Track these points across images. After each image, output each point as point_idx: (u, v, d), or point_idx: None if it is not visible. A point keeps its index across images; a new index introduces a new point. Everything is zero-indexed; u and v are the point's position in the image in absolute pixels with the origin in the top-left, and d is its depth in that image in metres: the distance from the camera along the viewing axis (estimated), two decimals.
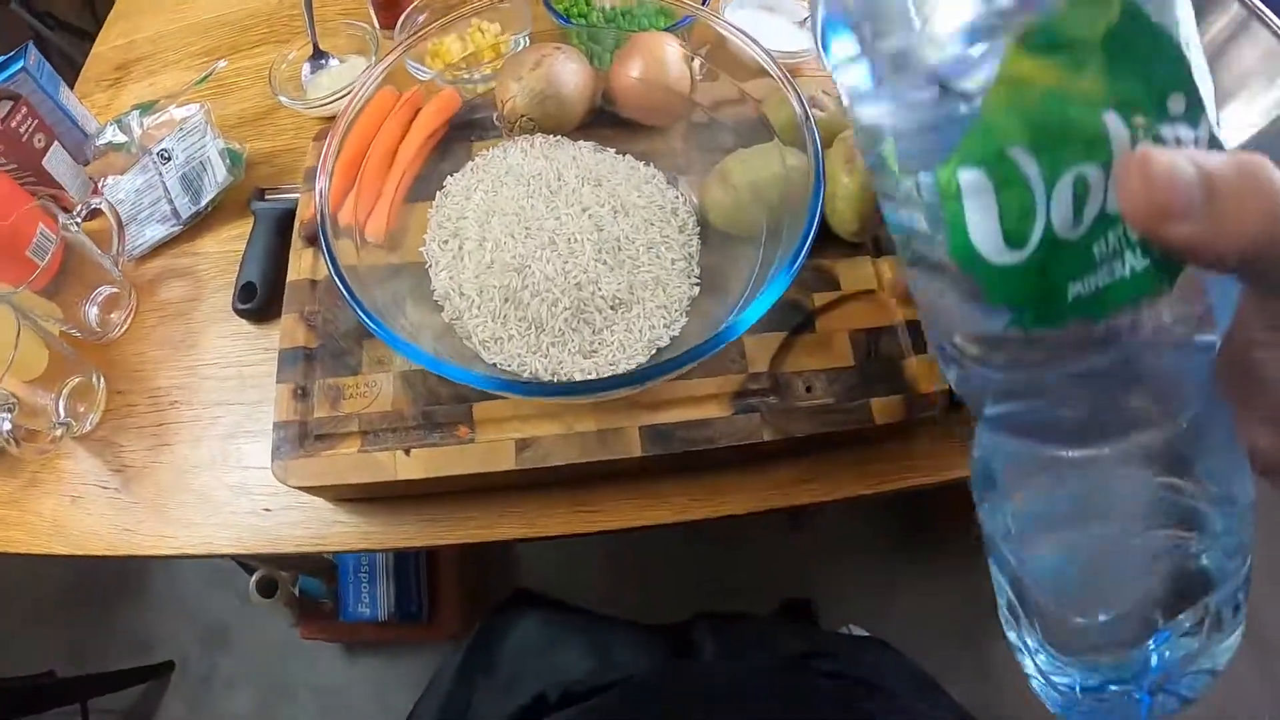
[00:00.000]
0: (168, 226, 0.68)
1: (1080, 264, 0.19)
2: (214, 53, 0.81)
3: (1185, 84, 0.19)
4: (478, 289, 0.50)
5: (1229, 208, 0.17)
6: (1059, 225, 0.18)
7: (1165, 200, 0.17)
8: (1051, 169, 0.18)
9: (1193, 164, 0.18)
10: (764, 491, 0.56)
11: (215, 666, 1.28)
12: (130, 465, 0.61)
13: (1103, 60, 0.18)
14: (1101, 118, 0.18)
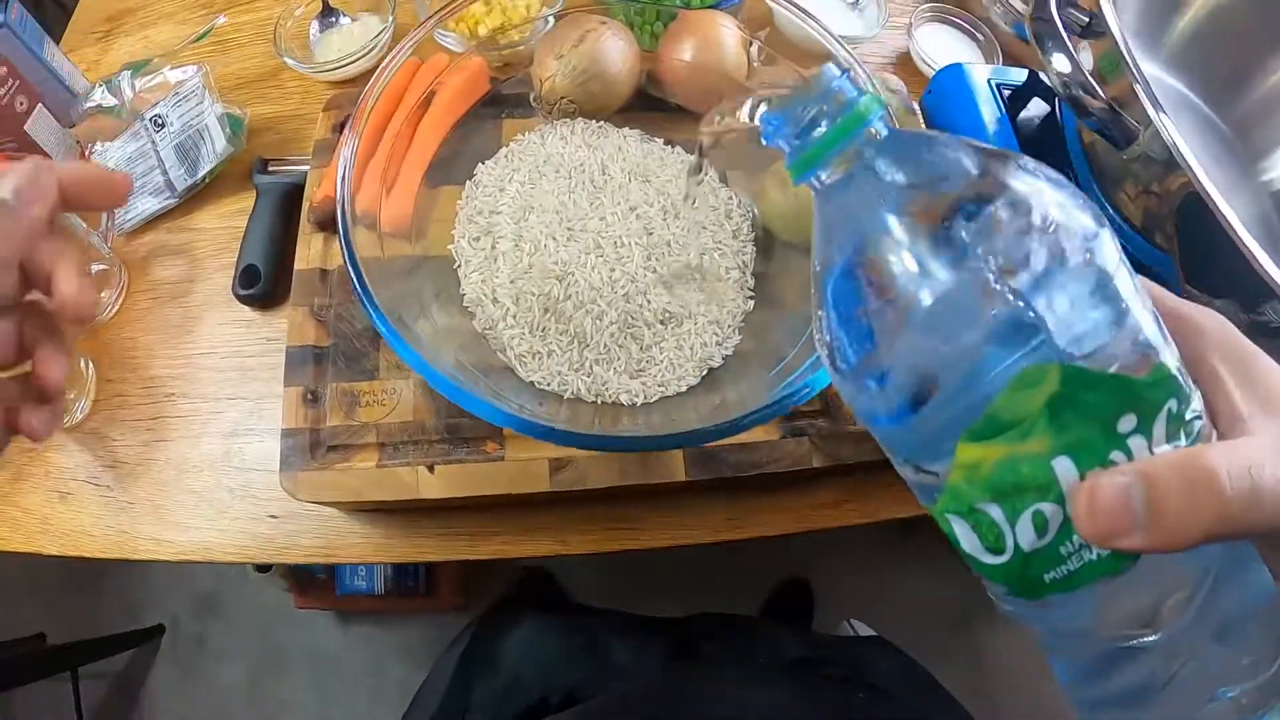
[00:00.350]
0: (161, 199, 0.62)
1: (1050, 560, 0.22)
2: (213, 4, 0.73)
3: (1135, 402, 0.21)
4: (513, 296, 0.45)
5: (1174, 520, 0.20)
6: (1025, 544, 0.22)
7: (1111, 525, 0.20)
8: (1011, 512, 0.22)
9: (1137, 486, 0.20)
10: (804, 512, 0.54)
11: (207, 633, 1.26)
12: (124, 461, 0.56)
13: (1046, 422, 0.21)
14: (1049, 465, 0.21)
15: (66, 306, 0.28)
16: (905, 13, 0.70)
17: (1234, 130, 0.59)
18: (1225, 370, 0.24)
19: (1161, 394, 0.21)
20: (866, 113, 0.24)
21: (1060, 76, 0.45)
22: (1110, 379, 0.21)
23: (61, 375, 0.29)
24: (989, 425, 0.21)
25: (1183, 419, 0.21)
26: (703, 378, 0.46)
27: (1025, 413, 0.21)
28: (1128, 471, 0.20)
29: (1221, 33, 0.57)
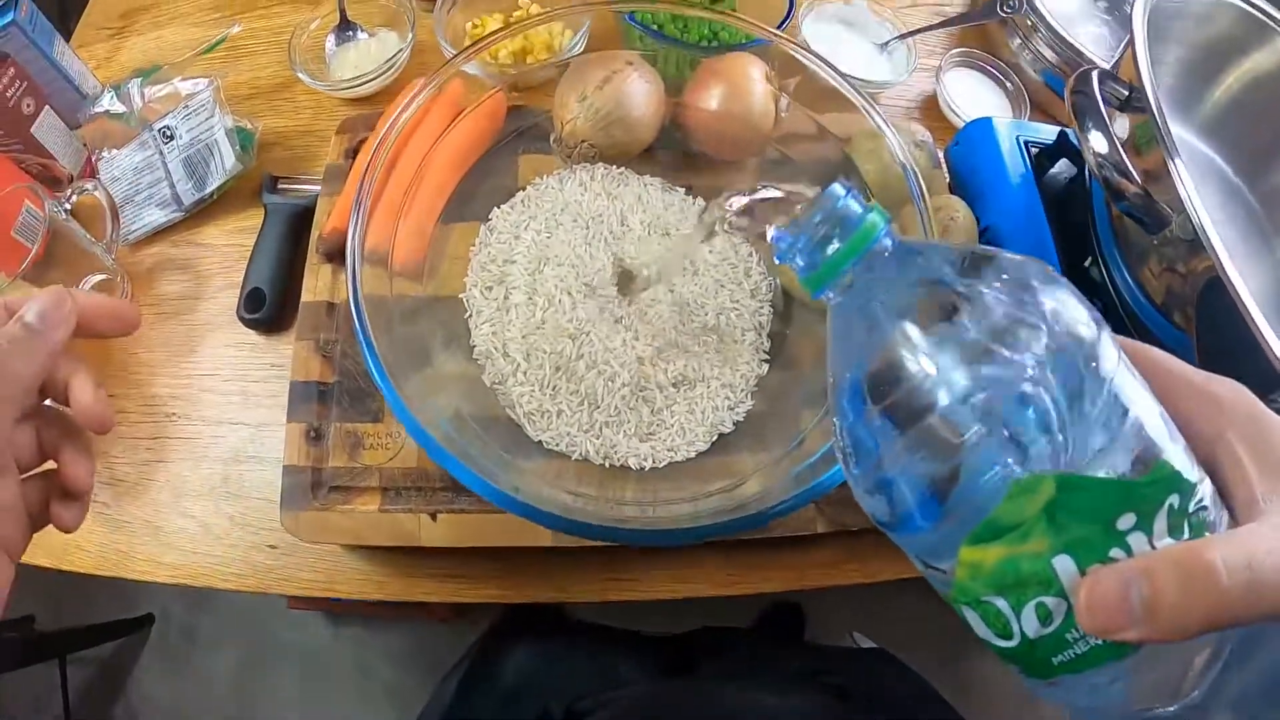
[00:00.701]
0: (168, 212, 0.61)
1: (1058, 645, 0.22)
2: (228, 7, 0.72)
3: (1134, 502, 0.21)
4: (524, 352, 0.45)
5: (1170, 615, 0.20)
6: (1031, 631, 0.22)
7: (1110, 620, 0.21)
8: (1016, 603, 0.22)
9: (1135, 582, 0.20)
10: (804, 570, 0.53)
11: (197, 624, 1.26)
12: (122, 480, 0.56)
13: (1045, 525, 0.21)
14: (1050, 563, 0.22)
15: (86, 417, 0.30)
16: (934, 55, 0.69)
17: (1261, 202, 0.58)
18: (1242, 447, 0.24)
19: (1161, 492, 0.22)
20: (874, 229, 0.25)
21: (1096, 157, 0.44)
22: (1107, 484, 0.21)
23: (88, 476, 0.31)
24: (989, 530, 0.22)
25: (1185, 511, 0.22)
26: (712, 444, 0.45)
27: (1023, 518, 0.22)
28: (1125, 569, 0.21)
29: (1257, 106, 0.56)
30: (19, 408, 0.29)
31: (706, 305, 0.46)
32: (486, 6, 0.67)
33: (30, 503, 0.30)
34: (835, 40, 0.66)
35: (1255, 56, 0.55)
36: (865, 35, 0.67)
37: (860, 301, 0.25)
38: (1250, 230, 0.58)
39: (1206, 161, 0.59)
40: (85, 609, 1.23)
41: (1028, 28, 0.67)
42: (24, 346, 0.28)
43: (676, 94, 0.53)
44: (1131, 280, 0.52)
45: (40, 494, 0.31)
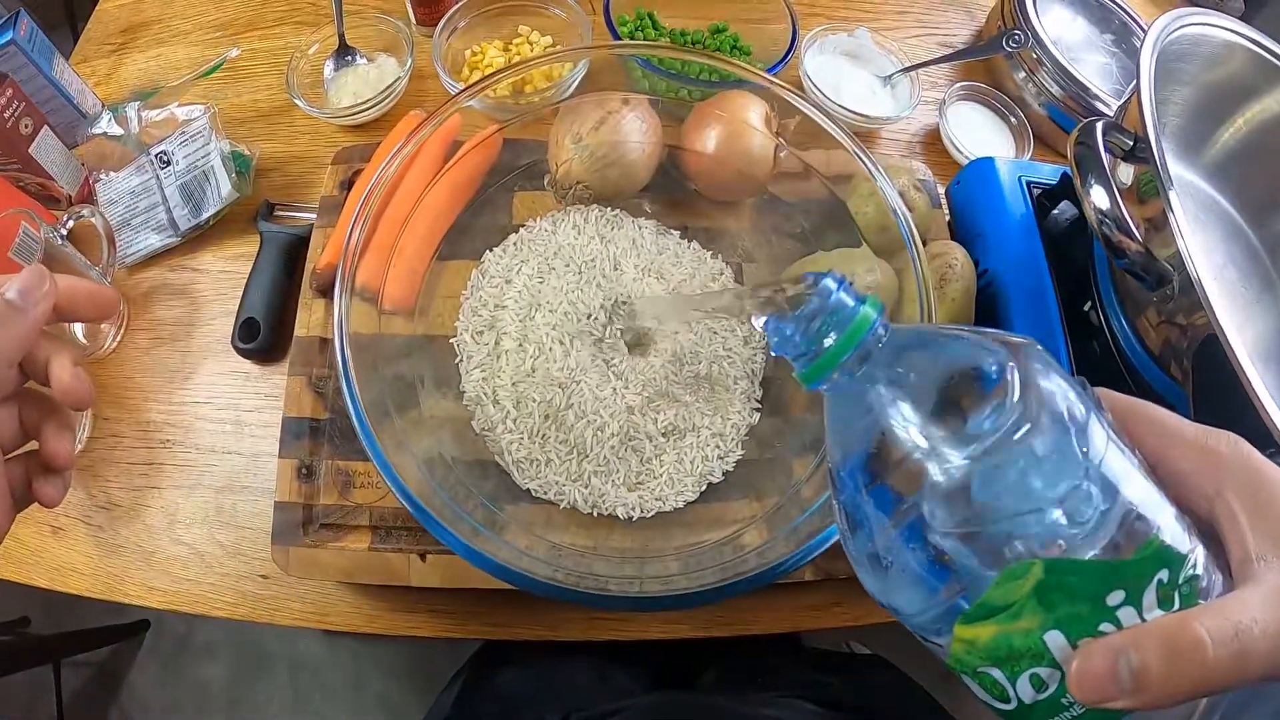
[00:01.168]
0: (164, 237, 0.61)
1: (1053, 708, 0.23)
2: (228, 27, 0.71)
3: (1122, 580, 0.22)
4: (514, 399, 0.44)
5: (1158, 687, 0.21)
6: (1027, 698, 0.23)
7: (1100, 693, 0.21)
8: (1010, 674, 0.23)
9: (1124, 654, 0.21)
10: (794, 613, 0.53)
11: (191, 631, 1.26)
12: (117, 504, 0.56)
13: (1035, 604, 0.22)
14: (1041, 639, 0.22)
15: (65, 394, 0.31)
16: (939, 88, 0.68)
17: (1265, 245, 0.58)
18: (1239, 505, 0.24)
19: (1150, 568, 0.22)
20: (868, 321, 0.25)
21: (1097, 213, 0.44)
22: (1095, 566, 0.22)
23: (68, 450, 0.32)
24: (981, 610, 0.23)
25: (1175, 583, 0.22)
26: (700, 494, 0.45)
27: (1014, 599, 0.22)
28: (1114, 643, 0.22)
29: (1266, 150, 0.55)
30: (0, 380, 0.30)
31: (700, 353, 0.46)
32: (486, 33, 0.66)
33: (13, 482, 0.31)
34: (838, 73, 0.65)
35: (1265, 100, 0.55)
36: (868, 68, 0.67)
37: (855, 388, 0.26)
38: (1253, 273, 0.58)
39: (1211, 203, 0.58)
40: (80, 614, 1.23)
41: (1033, 62, 0.67)
42: (5, 321, 0.29)
43: (676, 124, 0.53)
44: (1129, 328, 0.51)
45: (23, 474, 0.32)
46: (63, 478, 0.32)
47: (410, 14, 0.68)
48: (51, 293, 0.31)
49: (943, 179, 0.63)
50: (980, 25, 0.75)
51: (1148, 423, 0.26)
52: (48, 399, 0.32)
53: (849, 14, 0.74)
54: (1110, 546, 0.22)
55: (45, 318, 0.30)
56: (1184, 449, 0.25)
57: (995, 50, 0.65)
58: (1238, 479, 0.24)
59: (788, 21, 0.64)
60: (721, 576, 0.35)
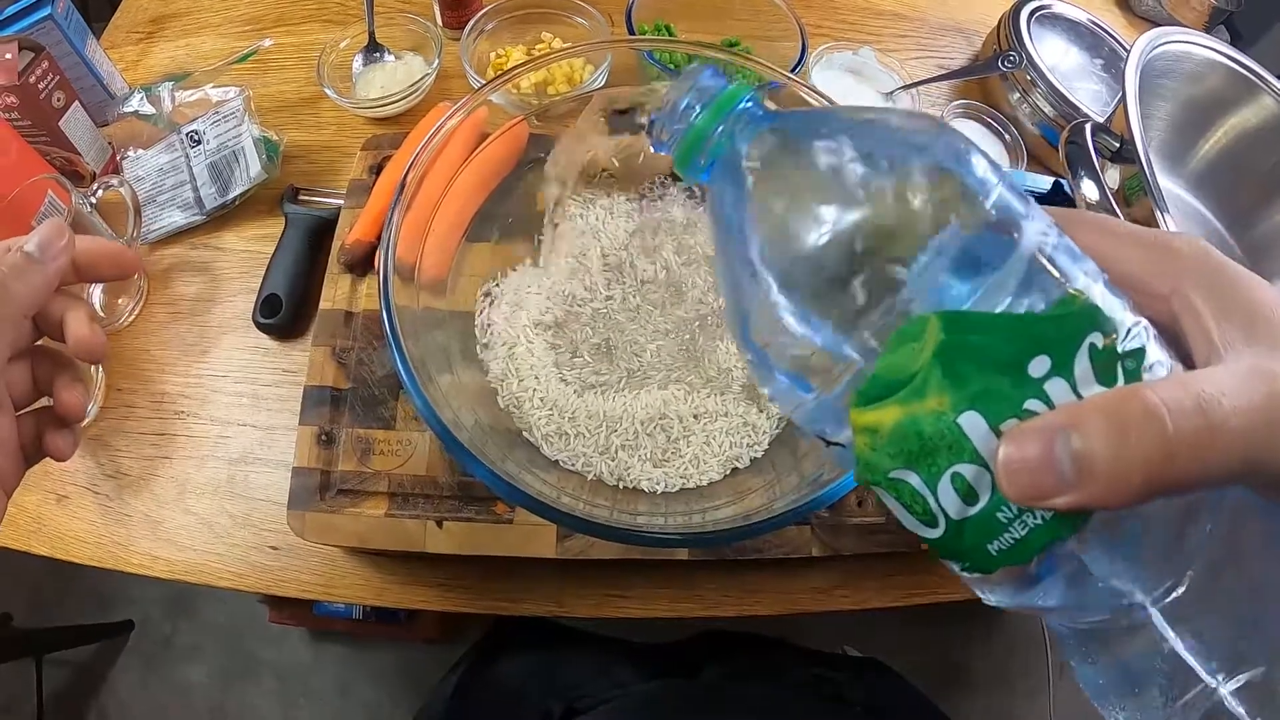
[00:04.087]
0: (189, 214, 0.63)
1: (990, 529, 0.19)
2: (259, 21, 0.74)
3: (1042, 342, 0.19)
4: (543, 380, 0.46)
5: (1106, 472, 0.17)
6: (954, 512, 0.20)
7: (1035, 485, 0.18)
8: (928, 476, 0.20)
9: (1060, 435, 0.17)
10: (796, 595, 0.54)
11: (175, 632, 1.24)
12: (125, 473, 0.56)
13: (940, 375, 0.19)
14: (955, 423, 0.19)
15: (80, 347, 0.31)
16: (937, 106, 0.72)
17: (1245, 253, 0.61)
18: (1200, 297, 0.21)
19: (1074, 328, 0.19)
20: (738, 93, 0.24)
21: (1088, 203, 0.47)
22: (1002, 320, 0.19)
23: (80, 401, 0.32)
24: (877, 386, 0.20)
25: (1114, 353, 0.19)
26: (725, 476, 0.46)
27: (913, 368, 0.19)
28: (1047, 421, 0.18)
29: (1244, 160, 0.59)
30: (15, 330, 0.30)
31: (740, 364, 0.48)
32: (511, 38, 0.69)
33: (24, 438, 0.31)
34: (843, 89, 0.69)
35: (1243, 113, 0.59)
36: (872, 85, 0.70)
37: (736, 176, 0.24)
38: None
39: (1195, 213, 0.61)
40: (64, 612, 1.22)
41: (1027, 83, 0.70)
42: (23, 273, 0.30)
43: None
44: None
45: (33, 429, 0.32)
46: (74, 432, 0.33)
47: (438, 16, 0.71)
48: (69, 247, 0.31)
49: None
50: (977, 50, 0.80)
51: (1093, 227, 0.23)
52: (60, 355, 0.33)
53: (854, 35, 0.78)
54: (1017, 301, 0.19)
55: (63, 272, 0.31)
56: (1136, 249, 0.22)
57: (991, 70, 0.69)
58: (1198, 274, 0.21)
59: (797, 39, 0.67)
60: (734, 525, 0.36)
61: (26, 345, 0.32)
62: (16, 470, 0.31)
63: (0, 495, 0.30)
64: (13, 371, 0.31)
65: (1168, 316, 0.21)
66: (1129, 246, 0.22)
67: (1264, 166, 0.59)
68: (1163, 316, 0.21)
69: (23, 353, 0.32)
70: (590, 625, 0.75)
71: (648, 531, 0.35)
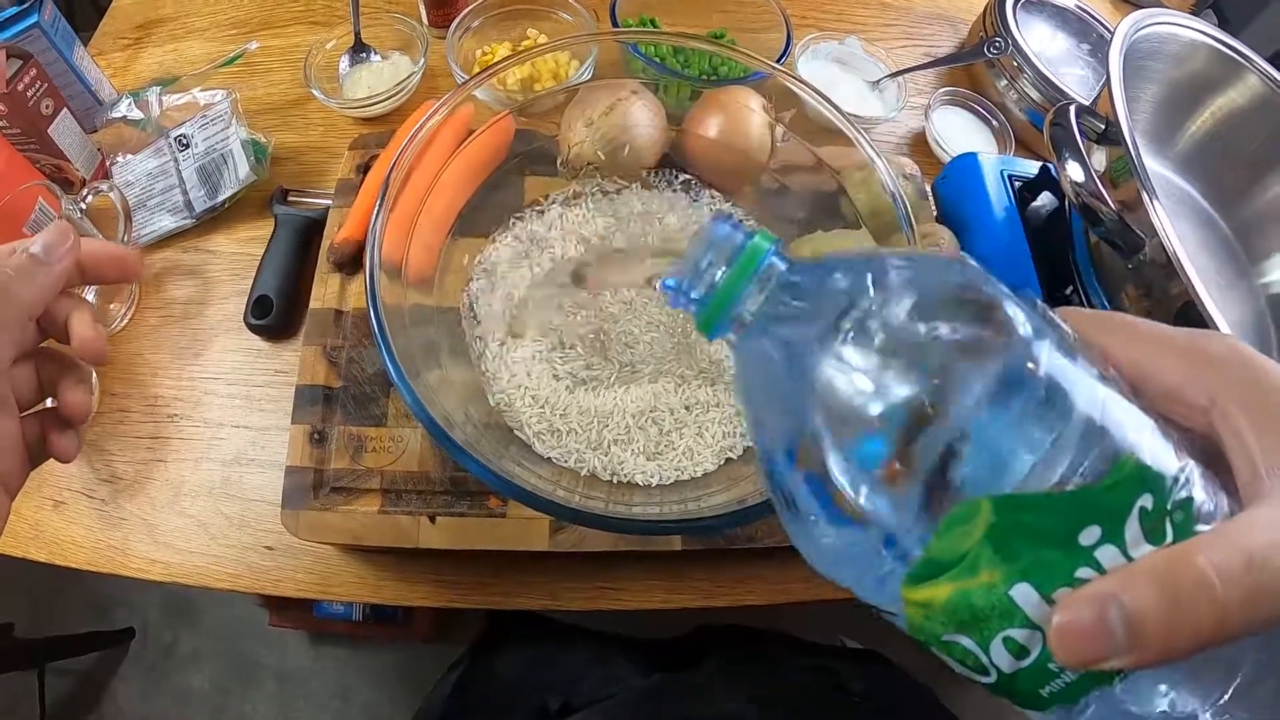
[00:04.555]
0: (179, 218, 0.63)
1: (1042, 677, 0.20)
2: (244, 25, 0.74)
3: (1093, 512, 0.19)
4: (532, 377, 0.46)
5: (1159, 638, 0.17)
6: (1005, 667, 0.20)
7: (1089, 653, 0.18)
8: (980, 640, 0.20)
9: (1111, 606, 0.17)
10: (787, 584, 0.54)
11: (177, 639, 1.24)
12: (121, 477, 0.56)
13: (991, 553, 0.19)
14: (1007, 595, 0.19)
15: (84, 348, 0.31)
16: (924, 94, 0.72)
17: (1236, 233, 0.61)
18: (1240, 413, 0.20)
19: (1127, 495, 0.19)
20: (759, 250, 0.23)
21: (1073, 184, 0.47)
22: (1053, 499, 0.19)
23: (85, 402, 0.32)
24: (929, 567, 0.20)
25: (1163, 511, 0.19)
26: (720, 466, 0.46)
27: (964, 549, 0.19)
28: (1097, 591, 0.18)
29: (1231, 140, 0.59)
30: (21, 331, 0.30)
31: None
32: (497, 35, 0.69)
33: (28, 438, 0.32)
34: (829, 78, 0.69)
35: (1229, 93, 0.59)
36: (858, 73, 0.70)
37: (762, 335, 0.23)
38: (1226, 260, 0.61)
39: (1183, 195, 0.61)
40: (65, 621, 1.22)
41: (1013, 69, 0.71)
42: (28, 275, 0.30)
43: (677, 123, 0.55)
44: (1109, 305, 0.54)
45: (37, 429, 0.32)
46: (78, 433, 0.33)
47: (423, 15, 0.71)
48: (74, 249, 0.32)
49: (929, 179, 0.66)
50: (963, 38, 0.80)
51: (1123, 331, 0.22)
52: (65, 356, 0.33)
53: (840, 24, 0.78)
54: (1072, 474, 0.19)
55: (67, 274, 0.31)
56: (1170, 357, 0.21)
57: (978, 57, 0.69)
58: (1236, 383, 0.20)
59: (783, 30, 0.68)
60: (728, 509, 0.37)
61: (31, 347, 0.32)
62: (21, 471, 0.31)
63: (4, 496, 0.30)
64: (17, 373, 0.31)
65: (1208, 427, 0.21)
66: (1165, 355, 0.22)
67: (1251, 146, 0.59)
68: (1203, 427, 0.21)
69: (27, 354, 0.32)
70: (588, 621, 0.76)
71: (640, 519, 0.36)
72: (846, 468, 0.20)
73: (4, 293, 0.29)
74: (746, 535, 0.49)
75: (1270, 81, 0.57)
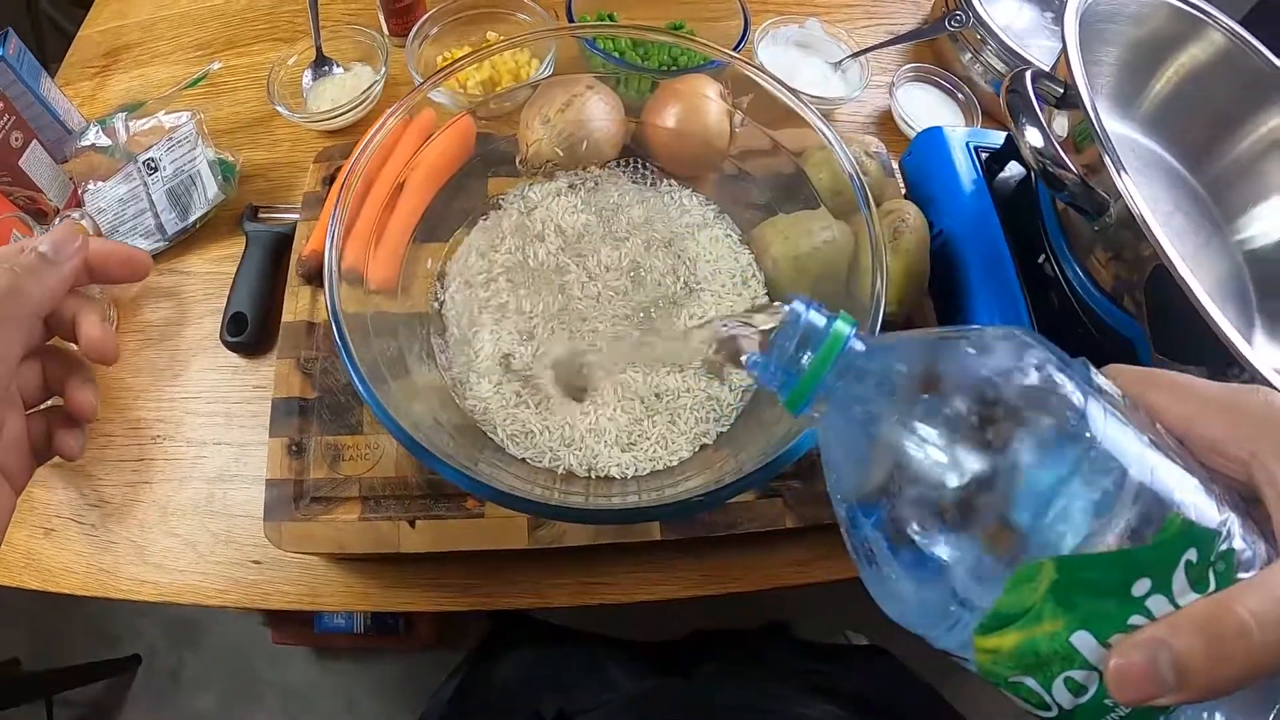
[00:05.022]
0: (152, 241, 0.63)
1: (1098, 712, 0.22)
2: (208, 46, 0.75)
3: (1144, 568, 0.21)
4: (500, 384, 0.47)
5: (1203, 679, 0.19)
6: (1066, 704, 0.22)
7: (1142, 692, 0.20)
8: (1043, 680, 0.22)
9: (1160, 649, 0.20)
10: (776, 569, 0.54)
11: (182, 662, 1.24)
12: (109, 501, 0.57)
13: (1054, 606, 0.21)
14: (1068, 641, 0.21)
15: (92, 347, 0.31)
16: (888, 72, 0.72)
17: (1207, 190, 0.61)
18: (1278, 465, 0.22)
19: (1174, 551, 0.21)
20: (842, 336, 0.25)
21: (1033, 150, 0.46)
22: (1110, 558, 0.21)
23: (91, 402, 0.32)
24: (997, 619, 0.22)
25: (1207, 561, 0.21)
26: (695, 453, 0.46)
27: (1029, 603, 0.21)
28: (1148, 639, 0.20)
29: (1195, 97, 0.59)
30: (29, 329, 0.30)
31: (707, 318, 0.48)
32: (456, 40, 0.70)
33: (34, 436, 0.32)
34: (790, 62, 0.69)
35: (1190, 50, 0.58)
36: (820, 55, 0.70)
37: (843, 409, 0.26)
38: (1201, 219, 0.60)
39: (1152, 156, 0.61)
40: (68, 652, 1.22)
41: (977, 42, 0.70)
42: (37, 273, 0.30)
43: (637, 115, 0.55)
44: (1081, 272, 0.54)
45: (43, 427, 0.32)
46: (84, 431, 0.33)
47: (383, 25, 0.71)
48: (83, 249, 0.31)
49: (896, 154, 0.66)
50: (926, 14, 0.80)
51: (1169, 390, 0.24)
52: (71, 355, 0.33)
53: (799, 8, 0.78)
54: (1126, 533, 0.21)
55: (76, 273, 0.31)
56: (1210, 412, 0.24)
57: (939, 31, 0.69)
58: (1273, 436, 0.22)
59: (740, 18, 0.68)
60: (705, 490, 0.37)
61: (38, 345, 0.32)
62: (25, 468, 0.31)
63: (9, 493, 0.30)
64: (24, 371, 0.31)
65: (1248, 478, 0.23)
66: (1209, 411, 0.24)
67: (1216, 101, 0.59)
68: (1243, 478, 0.23)
69: (34, 352, 0.32)
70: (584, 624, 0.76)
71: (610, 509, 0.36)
72: (922, 530, 0.23)
73: (13, 290, 0.29)
74: (727, 522, 0.49)
75: (1232, 35, 0.57)
